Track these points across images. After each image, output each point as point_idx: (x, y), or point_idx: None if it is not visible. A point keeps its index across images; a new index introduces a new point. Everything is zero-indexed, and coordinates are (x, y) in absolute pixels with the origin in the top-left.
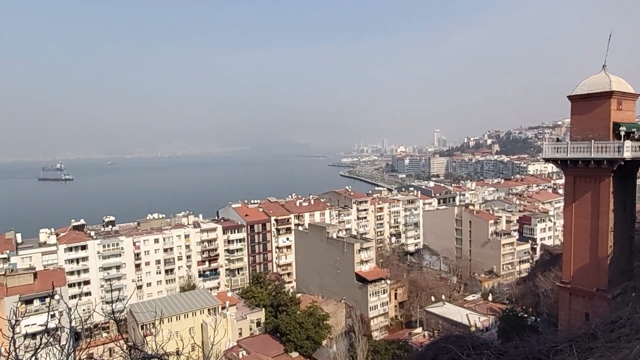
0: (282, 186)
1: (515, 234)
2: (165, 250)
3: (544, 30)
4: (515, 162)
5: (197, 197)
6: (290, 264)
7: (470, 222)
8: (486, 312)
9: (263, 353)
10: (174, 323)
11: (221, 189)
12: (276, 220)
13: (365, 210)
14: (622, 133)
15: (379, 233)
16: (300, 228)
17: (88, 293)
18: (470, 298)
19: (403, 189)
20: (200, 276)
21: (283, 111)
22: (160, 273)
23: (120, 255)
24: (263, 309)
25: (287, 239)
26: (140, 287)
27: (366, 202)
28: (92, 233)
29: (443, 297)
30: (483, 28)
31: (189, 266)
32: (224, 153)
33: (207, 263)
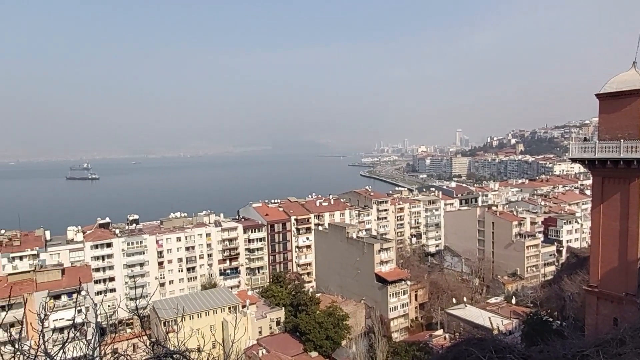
0: (302, 186)
1: (540, 236)
2: (187, 248)
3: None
4: (540, 162)
5: (218, 197)
6: (310, 264)
7: (493, 223)
8: (509, 315)
9: (283, 352)
10: (196, 320)
11: (242, 189)
12: (296, 219)
13: (385, 210)
14: None
15: (399, 233)
16: (320, 228)
17: (113, 289)
18: (492, 301)
19: (424, 189)
20: (221, 274)
21: (304, 111)
22: (182, 271)
23: (143, 253)
24: (283, 308)
25: (307, 239)
26: (162, 285)
27: (386, 202)
28: (117, 231)
29: (465, 299)
30: (505, 24)
31: (210, 264)
32: (245, 153)
33: (228, 262)
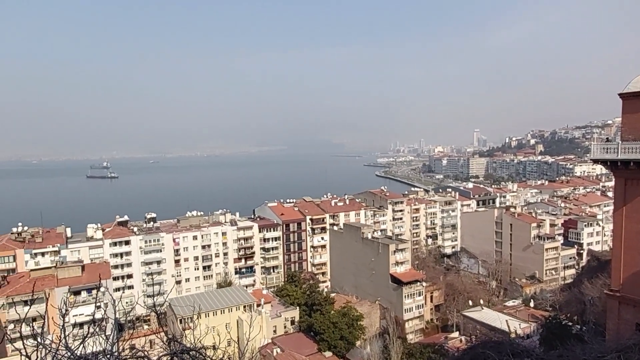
0: (318, 186)
1: (559, 238)
2: (203, 247)
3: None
4: (560, 163)
5: (234, 196)
6: (324, 264)
7: (511, 225)
8: (527, 319)
9: (297, 351)
10: (211, 318)
11: (257, 188)
12: (311, 219)
13: (401, 211)
14: None
15: (415, 234)
16: (335, 228)
17: (131, 286)
18: (510, 303)
19: (440, 190)
20: (236, 273)
21: (319, 111)
22: (198, 269)
23: (160, 250)
24: (297, 308)
25: (322, 239)
26: (179, 282)
27: (402, 203)
28: (135, 229)
29: (481, 302)
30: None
31: (226, 263)
32: (261, 152)
33: (243, 260)
